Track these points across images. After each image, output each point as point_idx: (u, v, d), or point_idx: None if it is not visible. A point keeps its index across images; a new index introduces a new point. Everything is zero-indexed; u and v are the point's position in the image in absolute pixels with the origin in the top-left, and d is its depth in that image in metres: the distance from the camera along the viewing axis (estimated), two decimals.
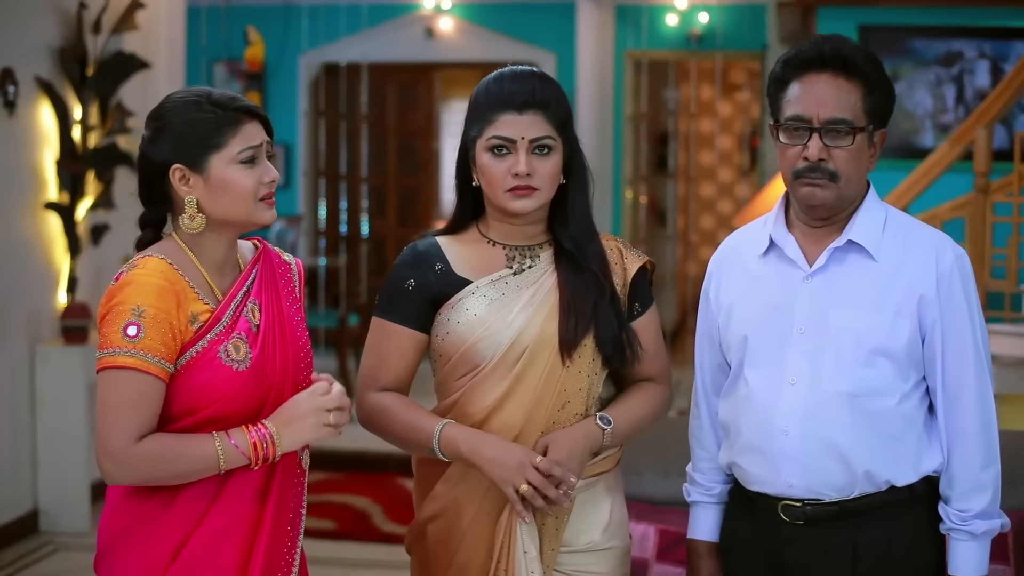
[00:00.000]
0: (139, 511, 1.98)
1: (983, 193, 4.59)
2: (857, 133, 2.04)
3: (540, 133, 2.16)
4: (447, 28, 8.74)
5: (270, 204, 2.05)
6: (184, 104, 2.00)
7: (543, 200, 2.19)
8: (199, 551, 1.96)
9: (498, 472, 2.11)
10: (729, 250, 2.28)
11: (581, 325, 2.18)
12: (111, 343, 1.91)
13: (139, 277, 1.94)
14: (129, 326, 1.90)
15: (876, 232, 2.10)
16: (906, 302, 2.06)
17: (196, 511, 1.97)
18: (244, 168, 2.00)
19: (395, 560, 4.62)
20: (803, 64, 2.07)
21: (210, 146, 1.98)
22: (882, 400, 2.06)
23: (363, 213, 9.07)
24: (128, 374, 1.90)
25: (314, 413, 1.99)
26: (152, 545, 1.96)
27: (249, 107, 2.02)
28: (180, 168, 1.99)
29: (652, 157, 10.23)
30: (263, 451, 1.95)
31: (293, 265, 2.18)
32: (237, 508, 1.99)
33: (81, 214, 5.28)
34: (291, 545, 2.05)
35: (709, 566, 2.29)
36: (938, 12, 6.11)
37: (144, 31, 5.63)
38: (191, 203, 1.99)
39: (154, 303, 1.92)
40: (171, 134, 1.99)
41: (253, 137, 2.01)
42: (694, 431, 2.34)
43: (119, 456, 1.89)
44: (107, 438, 1.90)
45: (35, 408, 5.07)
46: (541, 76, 2.21)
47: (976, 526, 2.06)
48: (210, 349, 1.96)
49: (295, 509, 2.07)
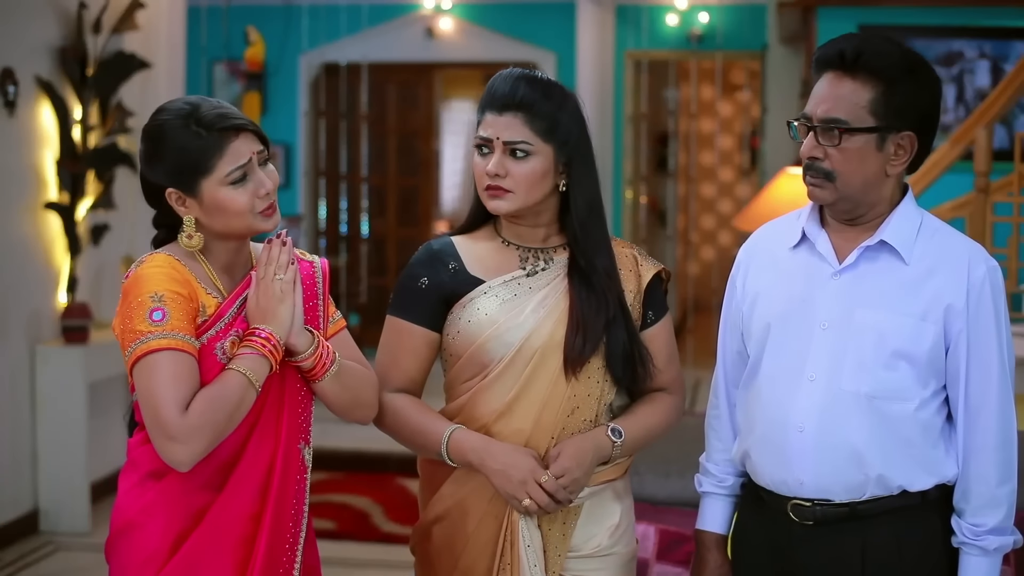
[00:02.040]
0: (144, 502, 1.99)
1: (983, 193, 4.58)
2: (854, 134, 2.02)
3: (515, 136, 2.15)
4: (447, 28, 8.74)
5: (268, 215, 2.05)
6: (172, 128, 1.99)
7: (519, 203, 2.18)
8: (200, 546, 1.97)
9: (502, 485, 2.12)
10: (760, 240, 2.26)
11: (589, 344, 2.17)
12: (139, 333, 1.92)
13: (147, 270, 1.98)
14: (154, 312, 1.93)
15: (909, 235, 2.08)
16: (933, 308, 2.04)
17: (198, 504, 1.98)
18: (235, 188, 2.00)
19: (395, 560, 4.63)
20: (819, 61, 2.07)
21: (198, 171, 1.99)
22: (900, 404, 2.05)
23: (363, 213, 9.07)
24: (163, 355, 1.91)
25: (277, 301, 2.01)
26: (154, 537, 1.97)
27: (235, 124, 2.01)
28: (175, 192, 2.01)
29: (652, 157, 10.23)
30: (269, 346, 1.97)
31: (317, 265, 2.18)
32: (238, 506, 1.99)
33: (81, 214, 5.27)
34: (293, 543, 2.05)
35: (716, 558, 2.27)
36: (938, 12, 6.11)
37: (144, 31, 5.63)
38: (189, 223, 2.01)
39: (170, 286, 1.95)
40: (161, 161, 2.01)
41: (241, 155, 2.00)
42: (711, 421, 2.32)
43: (179, 432, 1.88)
44: (159, 420, 1.89)
45: (35, 408, 5.06)
46: (531, 79, 2.17)
47: (989, 542, 2.05)
48: (208, 345, 1.98)
49: (297, 507, 2.06)
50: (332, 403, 2.11)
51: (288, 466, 2.04)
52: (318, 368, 2.05)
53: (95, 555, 4.82)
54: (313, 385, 2.08)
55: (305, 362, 2.04)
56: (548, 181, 2.19)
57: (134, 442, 2.06)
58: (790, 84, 7.59)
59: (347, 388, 2.10)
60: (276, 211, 2.07)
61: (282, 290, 2.02)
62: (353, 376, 2.11)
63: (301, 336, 2.04)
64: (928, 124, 2.07)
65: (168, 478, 1.98)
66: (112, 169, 5.42)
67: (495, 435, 2.17)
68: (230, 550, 1.98)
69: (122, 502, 2.03)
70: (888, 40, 2.06)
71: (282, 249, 2.05)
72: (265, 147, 2.06)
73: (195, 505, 1.98)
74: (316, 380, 2.06)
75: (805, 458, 2.07)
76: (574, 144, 2.19)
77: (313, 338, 2.05)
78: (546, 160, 2.17)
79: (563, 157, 2.19)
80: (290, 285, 2.03)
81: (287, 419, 2.05)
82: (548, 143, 2.16)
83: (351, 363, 2.12)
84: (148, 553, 1.97)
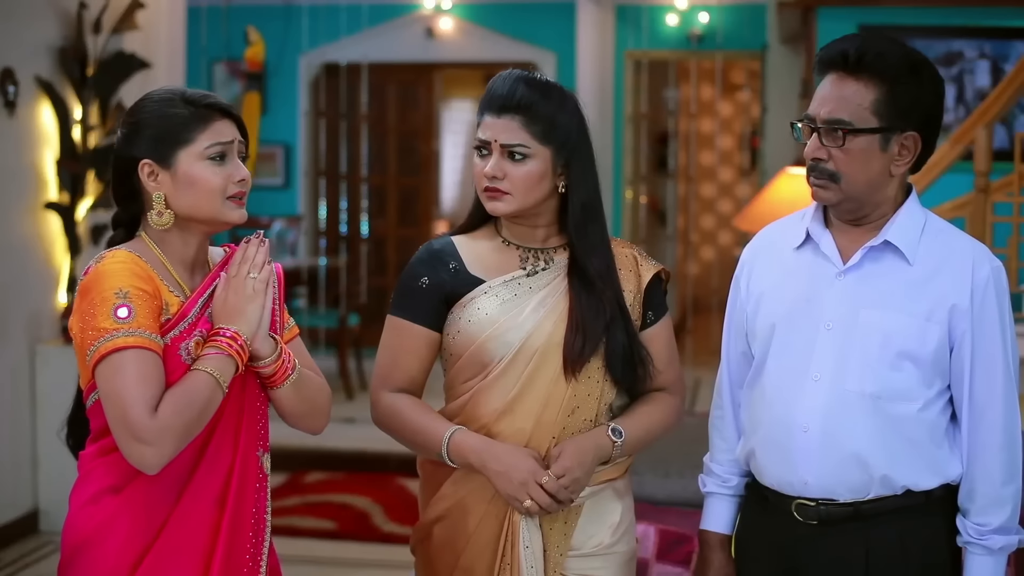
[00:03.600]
0: (100, 519, 1.93)
1: (983, 193, 4.58)
2: (858, 135, 2.02)
3: (512, 140, 2.15)
4: (447, 28, 8.74)
5: (238, 204, 2.02)
6: (158, 101, 2.00)
7: (517, 205, 2.18)
8: (160, 560, 1.92)
9: (503, 487, 2.12)
10: (764, 240, 2.27)
11: (588, 345, 2.17)
12: (103, 331, 1.86)
13: (109, 266, 1.92)
14: (119, 308, 1.87)
15: (913, 236, 2.08)
16: (938, 309, 2.04)
17: (157, 519, 1.93)
18: (212, 165, 1.98)
19: (395, 560, 4.63)
20: (822, 62, 2.07)
21: (178, 141, 1.97)
22: (905, 405, 2.05)
23: (363, 213, 9.06)
24: (130, 353, 1.85)
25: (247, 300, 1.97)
26: (111, 555, 1.92)
27: (222, 106, 2.01)
28: (149, 163, 1.98)
29: (652, 157, 10.23)
30: (236, 346, 1.93)
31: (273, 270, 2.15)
32: (197, 516, 1.95)
33: (81, 214, 5.27)
34: (255, 553, 2.00)
35: (720, 558, 2.27)
36: (938, 12, 6.11)
37: (144, 31, 5.63)
38: (159, 199, 1.98)
39: (134, 283, 1.90)
40: (141, 130, 1.99)
41: (223, 134, 1.99)
42: (715, 421, 2.32)
43: (148, 434, 1.82)
44: (127, 422, 1.83)
45: (35, 408, 5.06)
46: (530, 81, 2.17)
47: (993, 541, 2.05)
48: (173, 345, 1.94)
49: (257, 515, 2.02)
50: (287, 411, 2.07)
51: (246, 474, 2.00)
52: (279, 375, 2.01)
53: None
54: (270, 392, 2.04)
55: (267, 368, 2.00)
56: (547, 182, 2.19)
57: (87, 455, 1.99)
58: (790, 84, 7.59)
59: (304, 397, 2.06)
60: (244, 204, 2.04)
61: (254, 289, 1.98)
62: (310, 385, 2.08)
63: (266, 341, 2.00)
64: (932, 124, 2.08)
65: (128, 491, 1.93)
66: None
67: (496, 435, 2.17)
68: (190, 563, 1.93)
69: (75, 520, 1.95)
70: (891, 40, 2.06)
71: (259, 249, 2.02)
72: (245, 145, 2.04)
73: (157, 518, 1.93)
74: (275, 387, 2.02)
75: (810, 458, 2.07)
76: (573, 145, 2.19)
77: (276, 344, 2.02)
78: (544, 162, 2.17)
79: (562, 159, 2.18)
80: (263, 285, 2.00)
81: (246, 426, 2.01)
82: (546, 145, 2.16)
83: (308, 372, 2.09)
84: (106, 573, 1.91)
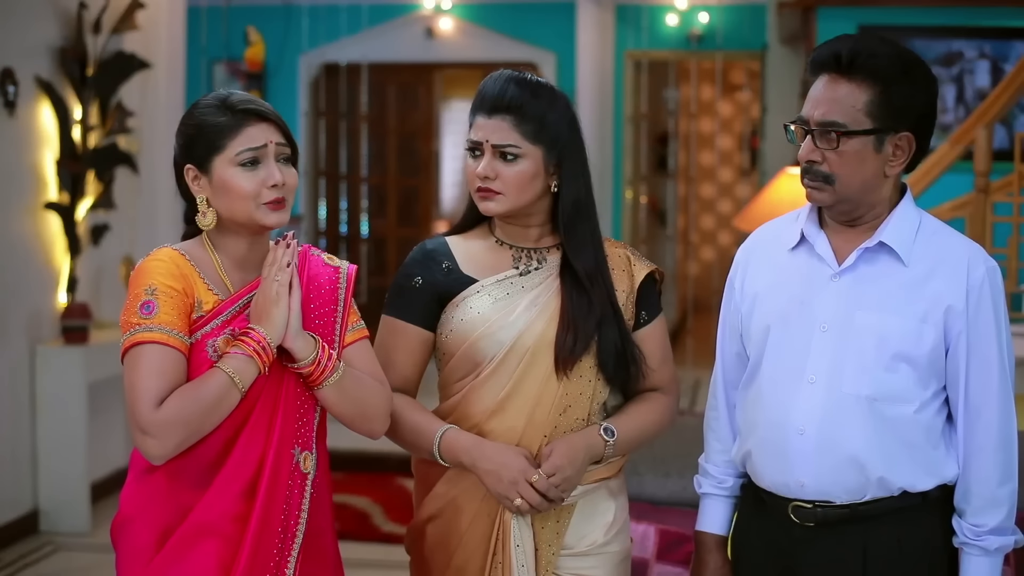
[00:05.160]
0: (138, 497, 2.01)
1: (983, 193, 4.58)
2: (852, 136, 2.01)
3: (503, 140, 2.15)
4: (447, 28, 8.74)
5: (274, 208, 2.04)
6: (203, 107, 2.06)
7: (509, 205, 2.18)
8: (183, 543, 1.96)
9: (493, 486, 2.13)
10: (758, 241, 2.26)
11: (580, 343, 2.17)
12: (130, 325, 1.96)
13: (148, 263, 2.01)
14: (144, 305, 1.95)
15: (908, 237, 2.07)
16: (933, 310, 2.04)
17: (185, 502, 1.98)
18: (244, 170, 2.01)
19: (395, 560, 4.62)
20: (815, 64, 2.06)
21: (213, 148, 2.02)
22: (901, 407, 2.04)
23: (363, 213, 9.07)
24: (147, 348, 1.93)
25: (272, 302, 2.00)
26: (143, 531, 1.98)
27: (257, 110, 2.04)
28: (192, 168, 2.05)
29: (652, 157, 10.23)
30: (258, 347, 1.96)
31: (343, 270, 2.16)
32: (222, 506, 1.97)
33: (81, 214, 5.27)
34: (283, 549, 2.01)
35: (716, 559, 2.27)
36: (938, 12, 6.11)
37: (144, 31, 5.63)
38: (202, 201, 2.04)
39: (163, 280, 1.97)
40: (185, 136, 2.06)
41: (255, 139, 2.02)
42: (710, 422, 2.32)
43: (149, 426, 1.90)
44: (133, 413, 1.92)
45: (35, 408, 5.07)
46: (520, 81, 2.18)
47: (990, 542, 2.05)
48: (201, 341, 1.98)
49: (288, 511, 2.02)
50: (333, 412, 2.09)
51: (279, 470, 2.02)
52: (316, 375, 2.03)
53: (95, 555, 4.84)
54: (315, 392, 2.06)
55: (304, 368, 2.02)
56: (539, 182, 2.19)
57: None
58: (790, 84, 7.59)
59: (350, 399, 2.06)
60: (284, 208, 2.06)
61: (277, 292, 2.01)
62: (360, 387, 2.08)
63: (299, 340, 2.01)
64: (925, 124, 2.07)
65: (156, 475, 1.99)
66: (112, 169, 5.41)
67: (488, 433, 2.17)
68: (214, 549, 1.96)
69: (124, 494, 2.05)
70: (884, 40, 2.05)
71: (285, 251, 2.05)
72: (289, 145, 2.07)
73: (182, 503, 1.98)
74: (315, 387, 2.05)
75: (806, 460, 2.07)
76: (564, 144, 2.19)
77: (315, 344, 2.04)
78: (535, 162, 2.17)
79: (553, 158, 2.19)
80: (285, 287, 2.02)
81: (280, 423, 2.02)
82: (537, 144, 2.17)
83: (360, 374, 2.09)
84: (138, 546, 1.99)
